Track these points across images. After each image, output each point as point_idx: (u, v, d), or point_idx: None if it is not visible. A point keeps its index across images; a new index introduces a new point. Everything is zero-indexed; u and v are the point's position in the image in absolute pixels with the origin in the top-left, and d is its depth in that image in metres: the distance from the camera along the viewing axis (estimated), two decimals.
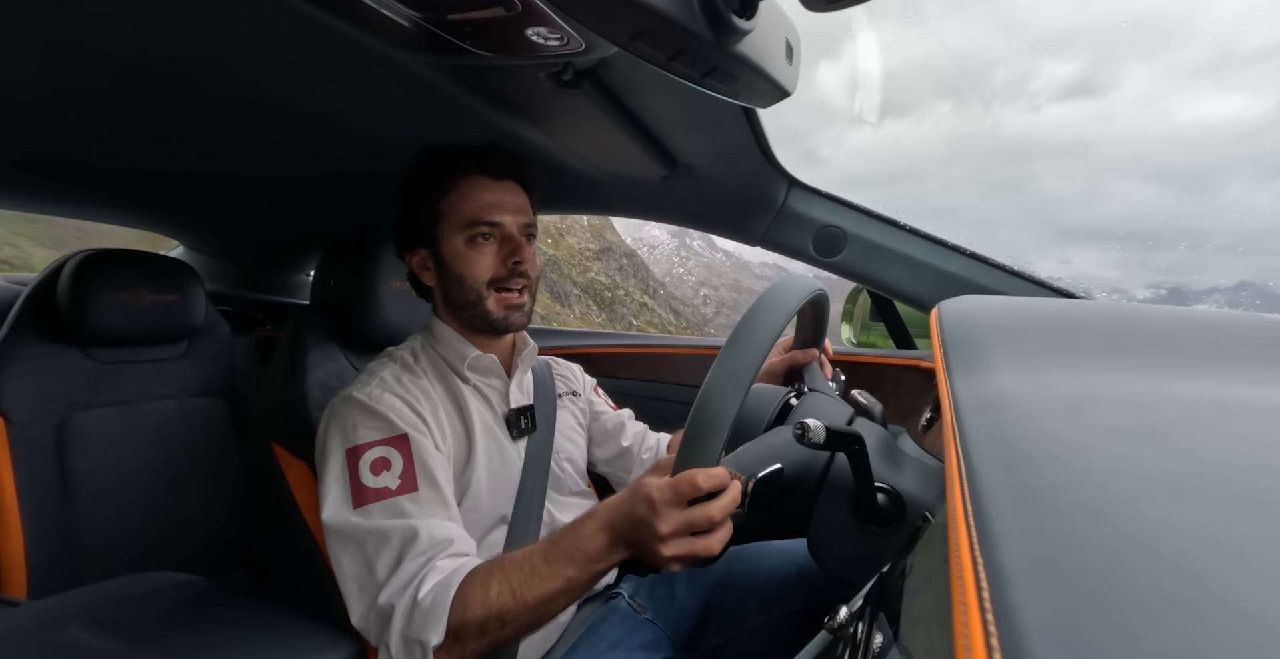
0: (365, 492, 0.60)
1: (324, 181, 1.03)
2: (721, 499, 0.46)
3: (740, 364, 0.45)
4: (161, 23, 0.51)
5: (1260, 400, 0.23)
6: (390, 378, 0.68)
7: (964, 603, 0.14)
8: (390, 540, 0.57)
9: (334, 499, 0.61)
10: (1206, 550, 0.14)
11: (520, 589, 0.52)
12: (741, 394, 0.44)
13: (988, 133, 18.31)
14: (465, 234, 0.69)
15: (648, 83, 0.64)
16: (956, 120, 19.30)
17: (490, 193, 0.70)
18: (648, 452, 0.89)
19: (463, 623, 0.53)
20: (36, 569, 0.85)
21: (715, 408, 0.44)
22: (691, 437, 0.46)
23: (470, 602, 0.53)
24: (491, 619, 0.52)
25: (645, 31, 0.41)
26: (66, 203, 1.20)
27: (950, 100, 19.90)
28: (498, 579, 0.53)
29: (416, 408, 0.66)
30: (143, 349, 1.03)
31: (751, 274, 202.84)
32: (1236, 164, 72.58)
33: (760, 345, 0.46)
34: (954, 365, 0.29)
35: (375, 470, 0.61)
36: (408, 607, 0.54)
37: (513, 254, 0.70)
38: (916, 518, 0.47)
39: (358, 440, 0.63)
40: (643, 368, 1.25)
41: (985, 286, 0.85)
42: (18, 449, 0.86)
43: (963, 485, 0.19)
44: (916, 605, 0.27)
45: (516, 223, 0.71)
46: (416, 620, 0.53)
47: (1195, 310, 0.35)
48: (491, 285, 0.70)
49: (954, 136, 54.45)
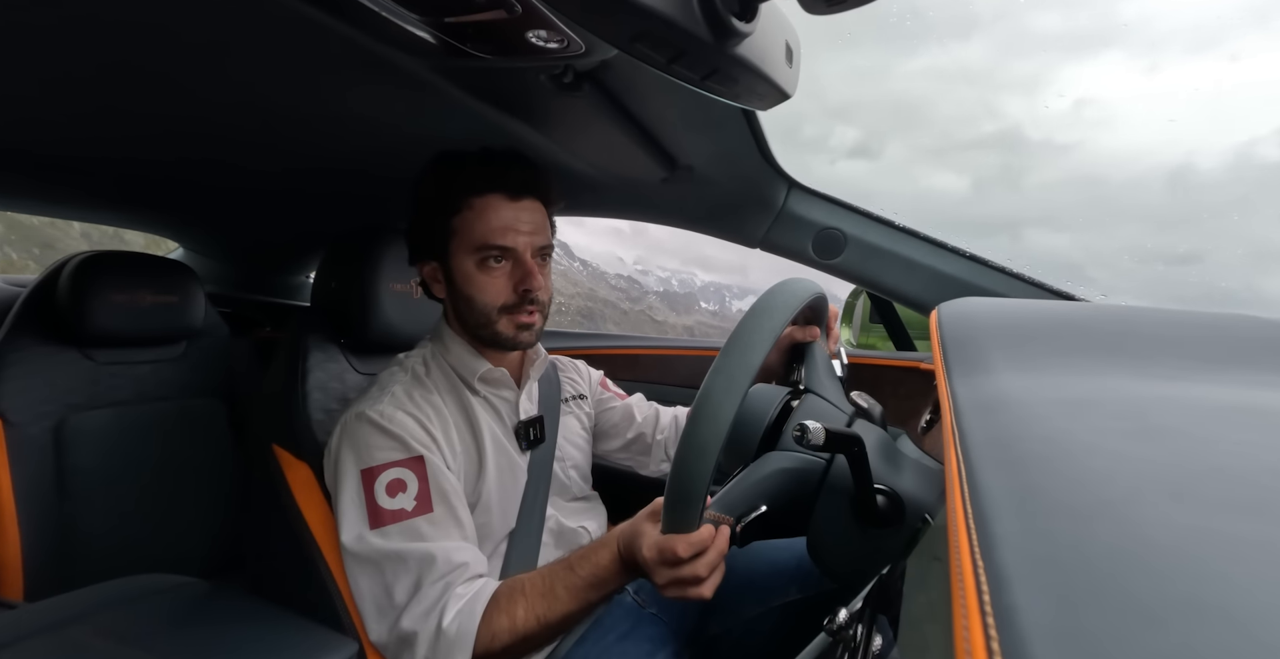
0: (382, 514, 0.61)
1: (324, 183, 1.03)
2: (707, 557, 0.50)
3: (715, 420, 0.44)
4: (161, 23, 0.52)
5: (1260, 402, 0.23)
6: (402, 394, 0.68)
7: (964, 605, 0.14)
8: (408, 564, 0.59)
9: (351, 521, 0.62)
10: (1207, 552, 0.14)
11: (545, 615, 0.57)
12: (718, 446, 0.44)
13: (801, 177, 19.02)
14: (476, 256, 0.67)
15: (648, 85, 0.65)
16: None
17: (506, 213, 0.67)
18: (661, 433, 0.89)
19: (489, 651, 0.56)
20: (33, 571, 0.85)
21: (691, 472, 0.44)
22: (671, 505, 0.47)
23: (497, 630, 0.57)
24: (516, 643, 0.57)
25: (645, 34, 0.41)
26: (66, 204, 1.20)
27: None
28: (523, 607, 0.57)
29: (427, 426, 0.66)
30: (142, 350, 1.03)
31: (607, 284, 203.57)
32: (952, 226, 79.84)
33: (737, 388, 0.44)
34: (954, 367, 0.29)
35: (391, 492, 0.61)
36: (432, 635, 0.56)
37: (523, 280, 0.67)
38: (916, 520, 0.47)
39: (373, 462, 0.63)
40: (642, 369, 1.25)
41: (985, 288, 0.85)
42: (16, 450, 0.86)
43: (963, 487, 0.19)
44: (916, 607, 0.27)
45: (531, 245, 0.68)
46: (442, 649, 0.56)
47: (1195, 311, 0.35)
48: (503, 312, 0.68)
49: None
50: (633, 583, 0.76)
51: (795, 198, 0.92)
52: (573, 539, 0.75)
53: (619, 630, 0.69)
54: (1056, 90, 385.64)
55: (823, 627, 0.39)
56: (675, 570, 0.51)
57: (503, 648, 0.56)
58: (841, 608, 0.39)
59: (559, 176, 0.91)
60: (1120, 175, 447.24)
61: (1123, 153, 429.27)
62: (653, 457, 0.89)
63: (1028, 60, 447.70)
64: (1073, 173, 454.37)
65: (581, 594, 0.57)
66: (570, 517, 0.76)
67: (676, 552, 0.49)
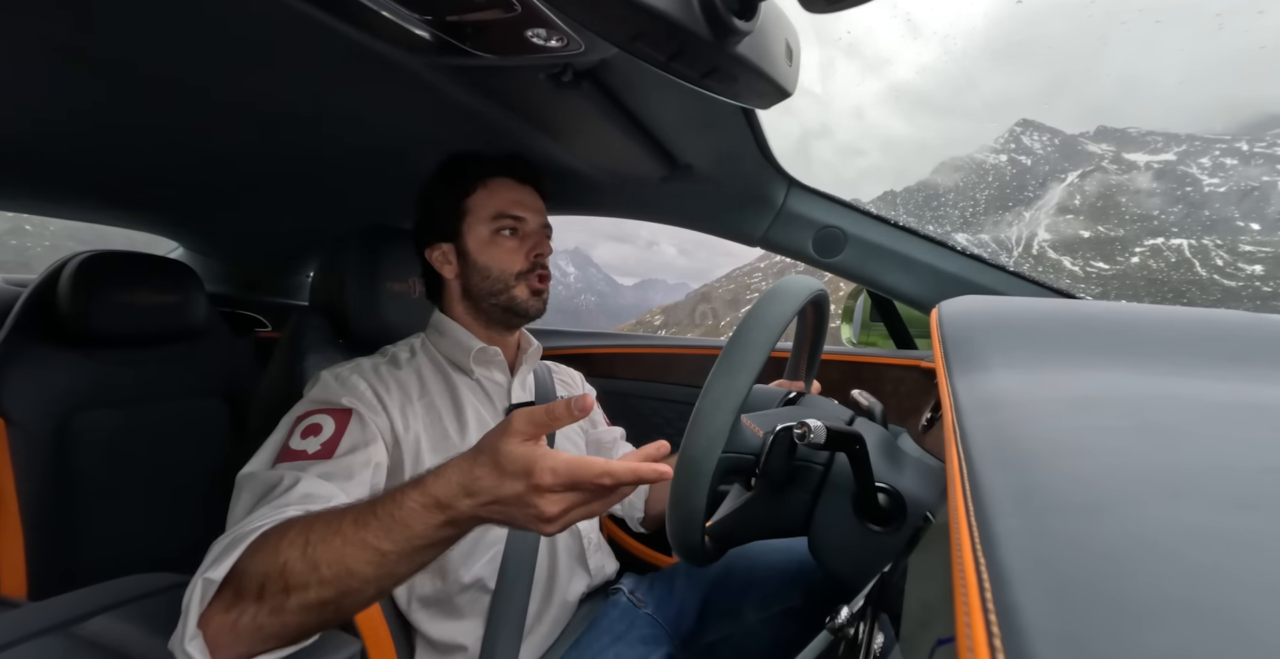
0: (287, 452, 0.58)
1: (323, 183, 1.03)
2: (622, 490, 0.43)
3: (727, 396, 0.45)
4: (161, 23, 0.52)
5: (1261, 400, 0.23)
6: (367, 366, 0.69)
7: (966, 603, 0.14)
8: (270, 489, 0.52)
9: (257, 458, 0.58)
10: (1208, 550, 0.14)
11: (313, 545, 0.42)
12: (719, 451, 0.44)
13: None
14: (492, 227, 0.73)
15: (647, 83, 0.64)
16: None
17: (515, 192, 0.75)
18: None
19: (244, 570, 0.43)
20: (36, 570, 0.85)
21: (692, 481, 0.44)
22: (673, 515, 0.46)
23: (263, 546, 0.44)
24: (273, 574, 0.42)
25: (645, 32, 0.41)
26: (66, 204, 1.20)
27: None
28: (297, 529, 0.43)
29: (379, 393, 0.66)
30: (143, 350, 1.03)
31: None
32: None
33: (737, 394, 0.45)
34: (954, 365, 0.29)
35: (305, 435, 0.59)
36: (228, 542, 0.46)
37: (534, 248, 0.75)
38: (917, 518, 0.47)
39: (302, 409, 0.63)
40: (643, 368, 1.25)
41: (985, 287, 0.85)
42: (18, 450, 0.86)
43: (964, 485, 0.19)
44: (918, 605, 0.28)
45: (537, 221, 0.76)
46: (211, 557, 0.45)
47: (1196, 310, 0.35)
48: (519, 278, 0.74)
49: None
50: (629, 582, 0.76)
51: (795, 196, 0.92)
52: (563, 537, 0.74)
53: (614, 632, 0.69)
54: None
55: (824, 624, 0.39)
56: (585, 504, 0.42)
57: (258, 573, 0.42)
58: (843, 606, 0.39)
59: (559, 175, 0.91)
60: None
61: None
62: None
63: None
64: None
65: (368, 536, 0.42)
66: None
67: (615, 472, 0.41)
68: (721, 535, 0.53)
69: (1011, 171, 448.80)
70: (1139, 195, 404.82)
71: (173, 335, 1.06)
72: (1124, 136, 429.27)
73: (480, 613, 0.65)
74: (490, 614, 0.64)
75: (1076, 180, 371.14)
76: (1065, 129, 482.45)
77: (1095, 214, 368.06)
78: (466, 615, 0.65)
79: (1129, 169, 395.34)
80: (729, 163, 0.86)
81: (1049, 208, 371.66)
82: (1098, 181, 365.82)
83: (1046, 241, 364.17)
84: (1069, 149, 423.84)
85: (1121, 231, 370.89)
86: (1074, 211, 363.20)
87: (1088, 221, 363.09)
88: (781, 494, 0.51)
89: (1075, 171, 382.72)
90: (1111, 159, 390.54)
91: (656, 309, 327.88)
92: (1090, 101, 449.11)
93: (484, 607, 0.65)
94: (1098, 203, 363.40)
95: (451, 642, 0.64)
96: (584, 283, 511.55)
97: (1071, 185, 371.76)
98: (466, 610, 0.65)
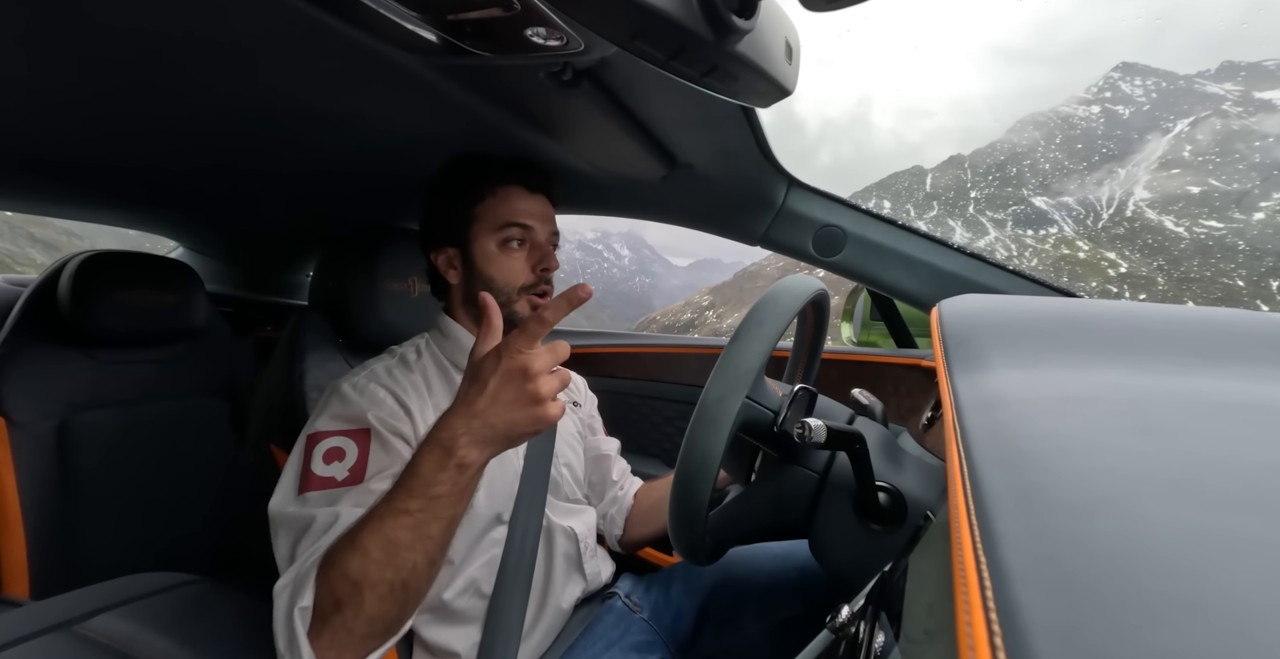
0: (311, 479, 0.58)
1: (323, 182, 1.03)
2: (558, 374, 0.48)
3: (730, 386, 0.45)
4: (161, 23, 0.51)
5: (1260, 398, 0.23)
6: (381, 371, 0.68)
7: (967, 602, 0.14)
8: (313, 526, 0.54)
9: (283, 487, 0.59)
10: (1208, 548, 0.14)
11: (359, 537, 0.46)
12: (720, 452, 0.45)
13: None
14: (499, 236, 0.72)
15: (647, 82, 0.64)
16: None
17: (525, 202, 0.74)
18: (621, 489, 0.88)
19: (318, 593, 0.47)
20: (38, 569, 0.86)
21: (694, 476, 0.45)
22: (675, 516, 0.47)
23: (323, 566, 0.48)
24: (340, 580, 0.46)
25: (645, 31, 0.41)
26: (66, 203, 1.20)
27: None
28: (344, 536, 0.48)
29: (403, 399, 0.65)
30: (143, 350, 1.03)
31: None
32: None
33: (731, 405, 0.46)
34: (955, 364, 0.29)
35: (327, 460, 0.59)
36: (294, 578, 0.49)
37: (541, 261, 0.73)
38: (918, 517, 0.47)
39: (318, 428, 0.62)
40: (643, 368, 1.25)
41: (985, 285, 0.85)
42: (20, 450, 0.86)
43: (964, 484, 0.19)
44: (919, 604, 0.28)
45: (546, 231, 0.74)
46: (285, 596, 0.48)
47: (1196, 309, 0.35)
48: (522, 291, 0.73)
49: None
50: (625, 586, 0.76)
51: (795, 195, 0.92)
52: (560, 538, 0.73)
53: (608, 638, 0.69)
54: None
55: (825, 624, 0.39)
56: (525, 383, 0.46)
57: (336, 580, 0.46)
58: (844, 605, 0.39)
59: (559, 175, 0.91)
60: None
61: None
62: (604, 504, 0.87)
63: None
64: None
65: (400, 503, 0.46)
66: (561, 516, 0.75)
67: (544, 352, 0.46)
68: (722, 526, 0.53)
69: (1104, 124, 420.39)
70: (1269, 141, 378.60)
71: (173, 335, 1.06)
72: (1256, 71, 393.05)
73: (476, 619, 0.65)
74: (486, 620, 0.64)
75: (1187, 129, 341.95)
76: (1177, 70, 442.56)
77: (1207, 167, 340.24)
78: (462, 621, 0.65)
79: (1256, 110, 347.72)
80: (729, 162, 0.86)
81: (1149, 163, 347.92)
82: (1214, 128, 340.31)
83: (1145, 200, 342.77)
84: (1181, 93, 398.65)
85: (1238, 185, 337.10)
86: (1182, 166, 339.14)
87: (1198, 175, 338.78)
88: (783, 487, 0.51)
89: (1186, 119, 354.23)
90: (1237, 99, 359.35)
91: (705, 289, 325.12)
92: (1212, 34, 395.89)
93: (480, 612, 0.65)
94: (1213, 152, 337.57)
95: (447, 647, 0.63)
96: (638, 265, 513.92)
97: (1180, 135, 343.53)
98: (463, 616, 0.65)
